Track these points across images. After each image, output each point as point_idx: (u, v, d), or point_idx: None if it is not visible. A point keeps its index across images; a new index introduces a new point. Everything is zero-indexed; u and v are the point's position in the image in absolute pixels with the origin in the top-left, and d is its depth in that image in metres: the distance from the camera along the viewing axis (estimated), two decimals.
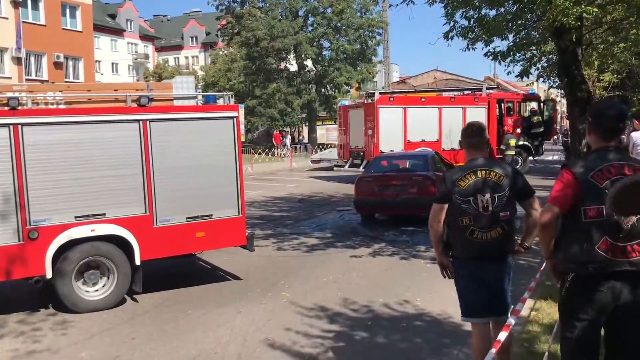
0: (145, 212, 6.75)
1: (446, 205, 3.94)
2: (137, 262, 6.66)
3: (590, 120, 3.29)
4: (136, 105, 6.71)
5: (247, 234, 7.58)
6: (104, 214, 6.52)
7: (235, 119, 7.37)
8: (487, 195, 3.83)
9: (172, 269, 8.26)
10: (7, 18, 31.71)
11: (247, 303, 6.68)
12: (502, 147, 21.71)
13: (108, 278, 6.62)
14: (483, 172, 3.90)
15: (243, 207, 7.46)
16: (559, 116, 25.28)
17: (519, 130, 23.29)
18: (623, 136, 5.19)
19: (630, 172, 3.11)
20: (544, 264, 4.47)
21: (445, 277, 4.17)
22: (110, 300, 6.58)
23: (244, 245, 7.60)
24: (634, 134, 6.74)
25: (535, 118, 23.37)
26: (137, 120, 6.68)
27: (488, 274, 3.93)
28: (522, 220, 4.13)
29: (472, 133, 4.07)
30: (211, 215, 7.18)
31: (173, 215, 6.94)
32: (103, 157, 6.50)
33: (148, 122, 6.71)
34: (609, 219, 3.04)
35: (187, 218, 7.02)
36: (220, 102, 7.68)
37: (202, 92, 51.13)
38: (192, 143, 7.05)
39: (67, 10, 35.64)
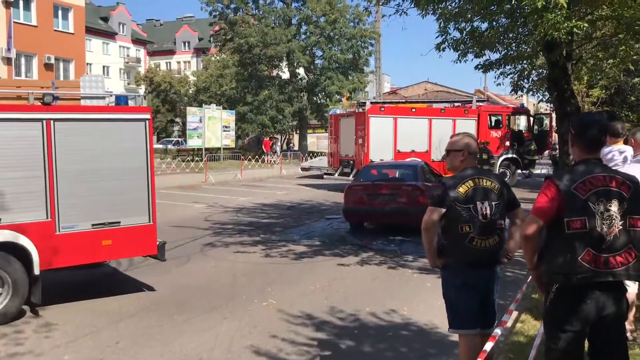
0: (47, 218, 6.31)
1: (442, 210, 3.92)
2: (36, 271, 6.16)
3: (573, 132, 3.33)
4: (40, 103, 6.33)
5: (158, 242, 7.15)
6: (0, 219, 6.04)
7: (147, 121, 6.94)
8: (486, 203, 3.88)
9: (159, 274, 8.20)
10: None
11: (233, 309, 6.65)
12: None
13: (2, 289, 6.08)
14: (482, 180, 3.95)
15: (154, 214, 7.05)
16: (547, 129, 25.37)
17: (507, 143, 23.49)
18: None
19: (615, 185, 3.14)
20: (530, 276, 4.50)
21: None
22: (4, 314, 6.04)
23: (154, 255, 7.18)
24: (604, 149, 6.75)
25: (532, 147, 23.42)
26: (40, 120, 6.24)
27: (481, 283, 3.97)
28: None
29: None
30: (119, 222, 6.77)
31: (77, 221, 6.50)
32: (0, 158, 6.04)
33: (52, 121, 6.29)
34: (592, 231, 3.07)
35: (92, 225, 6.60)
36: (132, 103, 7.27)
37: (194, 97, 51.07)
38: (100, 145, 6.63)
39: (59, 12, 35.50)
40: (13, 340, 5.61)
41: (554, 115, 22.83)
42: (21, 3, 33.13)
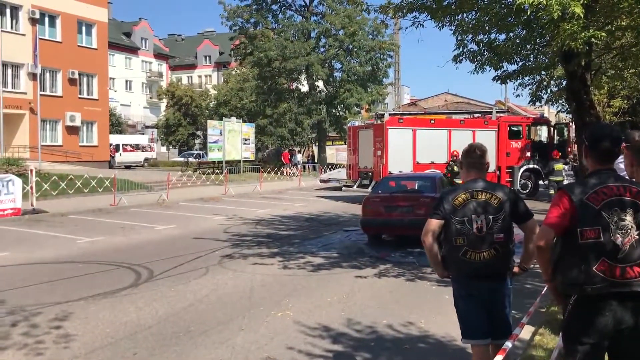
0: None
1: (439, 222, 3.95)
2: None
3: (587, 144, 3.32)
4: None
5: None
6: None
7: None
8: (482, 217, 3.85)
9: (177, 285, 8.27)
10: (24, 35, 32.32)
11: (250, 321, 6.66)
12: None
13: None
14: (480, 194, 3.93)
15: None
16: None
17: (528, 154, 23.27)
18: None
19: (630, 195, 3.12)
20: (545, 289, 4.45)
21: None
22: None
23: None
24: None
25: (556, 166, 22.59)
26: None
27: (485, 295, 3.93)
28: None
29: (473, 154, 4.09)
30: None
31: None
32: None
33: None
34: (607, 241, 3.05)
35: None
36: None
37: (215, 110, 51.66)
38: None
39: (83, 28, 36.28)
40: (34, 350, 5.69)
41: (572, 125, 22.57)
42: (46, 20, 33.95)
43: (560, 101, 14.74)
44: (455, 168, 18.82)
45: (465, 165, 4.10)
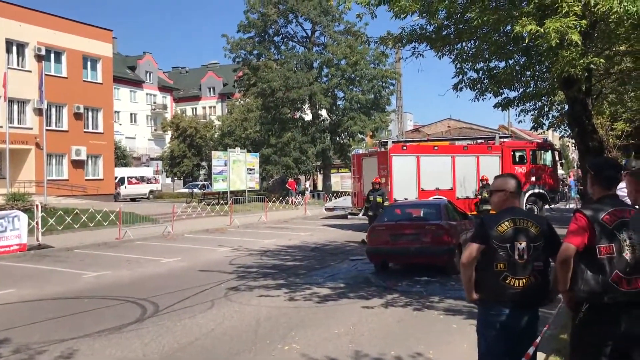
0: None
1: (479, 247, 3.97)
2: None
3: (592, 174, 3.77)
4: None
5: None
6: None
7: None
8: (524, 244, 3.91)
9: (183, 319, 8.23)
10: (30, 71, 32.81)
11: (256, 355, 6.61)
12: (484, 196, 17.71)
13: None
14: (521, 221, 3.99)
15: None
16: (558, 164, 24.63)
17: (533, 179, 23.23)
18: None
19: (628, 215, 3.59)
20: (552, 318, 4.48)
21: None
22: None
23: None
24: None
25: (484, 194, 18.18)
26: None
27: (516, 322, 3.89)
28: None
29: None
30: None
31: None
32: None
33: None
34: (620, 255, 3.51)
35: None
36: None
37: (219, 141, 52.02)
38: None
39: (89, 63, 36.81)
40: None
41: (574, 149, 22.38)
42: (52, 56, 34.48)
43: (562, 126, 14.79)
44: (379, 199, 16.93)
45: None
